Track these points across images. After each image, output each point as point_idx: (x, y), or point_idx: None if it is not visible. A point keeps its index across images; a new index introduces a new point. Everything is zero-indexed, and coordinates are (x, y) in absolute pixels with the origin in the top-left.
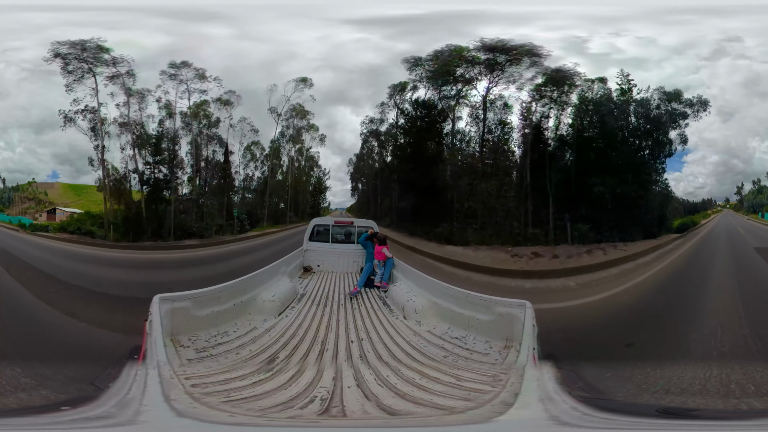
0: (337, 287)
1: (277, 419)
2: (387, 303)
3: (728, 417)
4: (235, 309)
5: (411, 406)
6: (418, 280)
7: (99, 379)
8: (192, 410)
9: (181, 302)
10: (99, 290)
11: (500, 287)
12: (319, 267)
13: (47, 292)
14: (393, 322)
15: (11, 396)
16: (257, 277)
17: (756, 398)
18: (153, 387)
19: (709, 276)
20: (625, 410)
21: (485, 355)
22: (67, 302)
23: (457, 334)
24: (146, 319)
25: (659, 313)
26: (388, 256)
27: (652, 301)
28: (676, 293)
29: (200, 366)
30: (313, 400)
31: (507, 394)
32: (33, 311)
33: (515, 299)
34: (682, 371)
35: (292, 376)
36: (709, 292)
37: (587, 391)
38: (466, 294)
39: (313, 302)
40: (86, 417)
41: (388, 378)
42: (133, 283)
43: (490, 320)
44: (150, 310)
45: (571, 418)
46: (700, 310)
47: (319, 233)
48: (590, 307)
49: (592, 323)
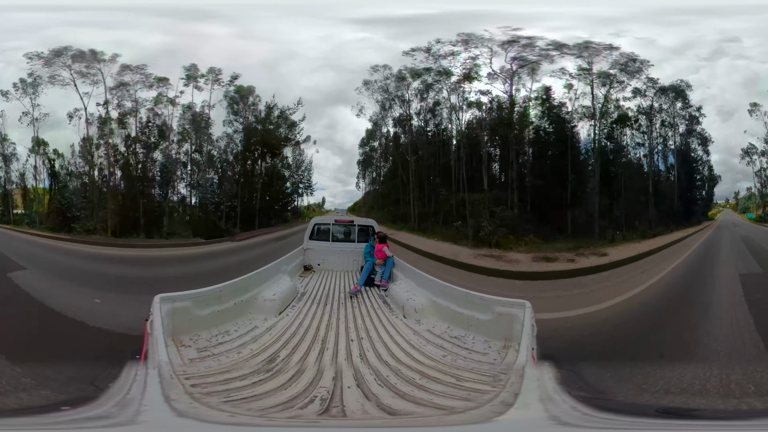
0: (337, 286)
1: (277, 419)
2: (387, 302)
3: (728, 417)
4: (236, 308)
5: (411, 406)
6: (418, 279)
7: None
8: (192, 410)
9: (182, 302)
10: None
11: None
12: (320, 266)
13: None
14: (393, 321)
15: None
16: (258, 276)
17: (756, 398)
18: (153, 387)
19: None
20: (625, 410)
21: (484, 355)
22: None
23: (456, 333)
24: (147, 319)
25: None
26: (388, 255)
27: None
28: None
29: (200, 366)
30: (313, 400)
31: (507, 394)
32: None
33: (515, 299)
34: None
35: (293, 375)
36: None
37: (587, 391)
38: (465, 293)
39: (314, 301)
40: (86, 417)
41: (388, 378)
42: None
43: (489, 320)
44: (150, 310)
45: (571, 418)
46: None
47: (320, 232)
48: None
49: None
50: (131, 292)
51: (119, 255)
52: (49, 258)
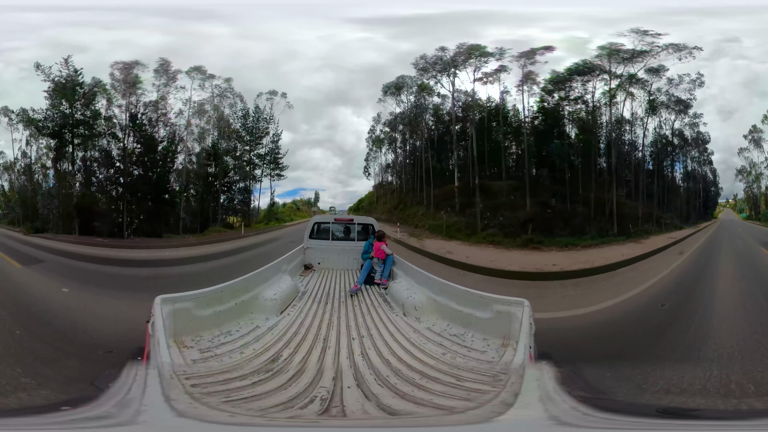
0: (337, 284)
1: (277, 419)
2: (387, 300)
3: (728, 417)
4: (237, 308)
5: (411, 406)
6: (418, 277)
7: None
8: (192, 410)
9: (183, 303)
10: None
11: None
12: (320, 264)
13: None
14: (393, 318)
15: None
16: (258, 276)
17: (756, 398)
18: (153, 387)
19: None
20: (625, 410)
21: (482, 353)
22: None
23: (455, 332)
24: (148, 320)
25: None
26: (387, 252)
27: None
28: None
29: (200, 366)
30: (313, 400)
31: (507, 394)
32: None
33: (514, 297)
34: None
35: (293, 375)
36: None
37: (587, 391)
38: (465, 291)
39: (315, 300)
40: (86, 417)
41: (388, 378)
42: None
43: (488, 318)
44: (152, 312)
45: (571, 418)
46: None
47: (320, 230)
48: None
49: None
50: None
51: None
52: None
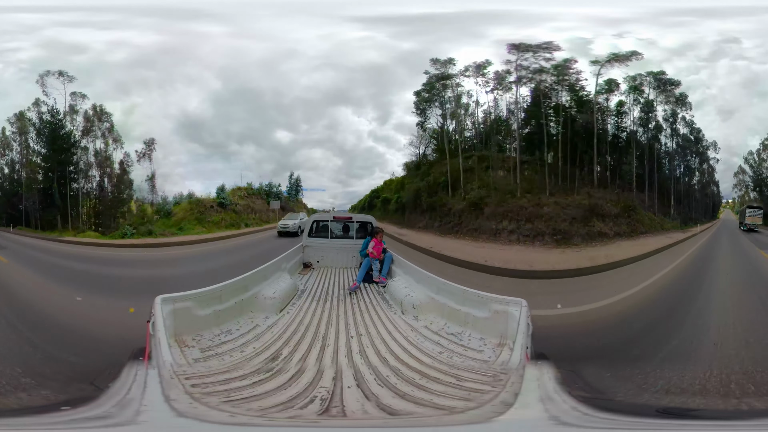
0: (336, 283)
1: (277, 419)
2: (385, 298)
3: (728, 417)
4: (237, 307)
5: (411, 406)
6: (417, 276)
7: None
8: (192, 410)
9: (183, 302)
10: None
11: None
12: (319, 263)
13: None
14: (391, 317)
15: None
16: (258, 275)
17: (756, 398)
18: (153, 387)
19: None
20: (625, 410)
21: (479, 352)
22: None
23: (453, 330)
24: (148, 320)
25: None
26: (383, 248)
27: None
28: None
29: (201, 366)
30: (313, 400)
31: (507, 394)
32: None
33: (511, 297)
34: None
35: (293, 375)
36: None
37: (587, 391)
38: (463, 290)
39: (314, 298)
40: (86, 417)
41: (388, 378)
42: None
43: (485, 317)
44: (152, 311)
45: (571, 418)
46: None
47: (319, 229)
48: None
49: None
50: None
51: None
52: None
